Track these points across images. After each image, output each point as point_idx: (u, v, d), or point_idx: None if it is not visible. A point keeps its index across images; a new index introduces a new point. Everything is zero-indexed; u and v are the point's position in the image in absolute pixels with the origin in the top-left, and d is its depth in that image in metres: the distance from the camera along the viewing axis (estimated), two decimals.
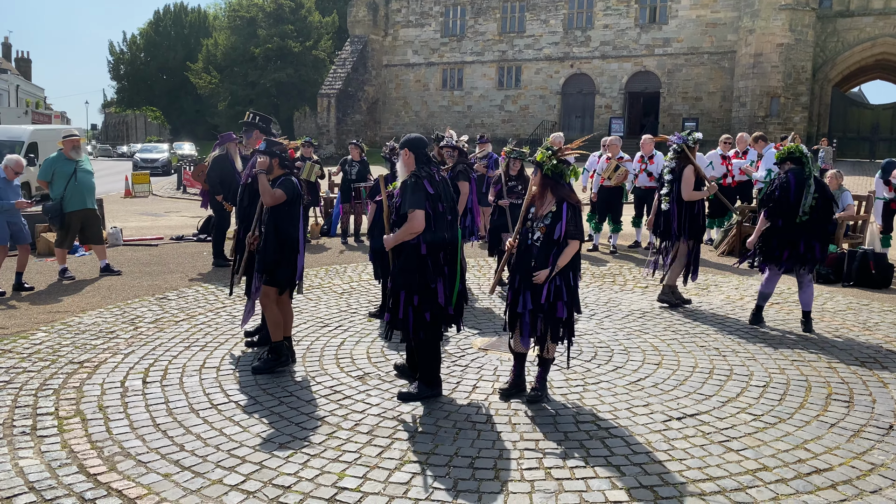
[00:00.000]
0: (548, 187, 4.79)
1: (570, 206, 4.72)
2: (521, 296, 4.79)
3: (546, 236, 4.72)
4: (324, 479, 3.83)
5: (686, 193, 7.39)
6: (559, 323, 4.81)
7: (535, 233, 4.79)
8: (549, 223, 4.73)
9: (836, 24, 35.18)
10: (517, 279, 4.85)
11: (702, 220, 7.71)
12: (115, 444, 4.25)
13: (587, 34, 40.22)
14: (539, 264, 4.73)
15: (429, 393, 4.96)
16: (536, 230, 4.78)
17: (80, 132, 14.84)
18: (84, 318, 7.01)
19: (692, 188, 7.42)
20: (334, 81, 43.45)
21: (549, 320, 4.79)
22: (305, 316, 7.13)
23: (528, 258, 4.81)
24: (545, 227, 4.73)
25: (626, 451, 4.21)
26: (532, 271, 4.75)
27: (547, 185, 4.79)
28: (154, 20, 61.59)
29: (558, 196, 4.75)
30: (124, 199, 22.43)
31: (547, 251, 4.71)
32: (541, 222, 4.76)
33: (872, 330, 6.94)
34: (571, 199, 4.76)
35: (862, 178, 25.64)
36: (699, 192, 7.43)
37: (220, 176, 9.80)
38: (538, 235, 4.76)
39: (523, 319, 4.84)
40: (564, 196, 4.75)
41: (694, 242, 7.63)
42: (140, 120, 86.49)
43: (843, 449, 4.27)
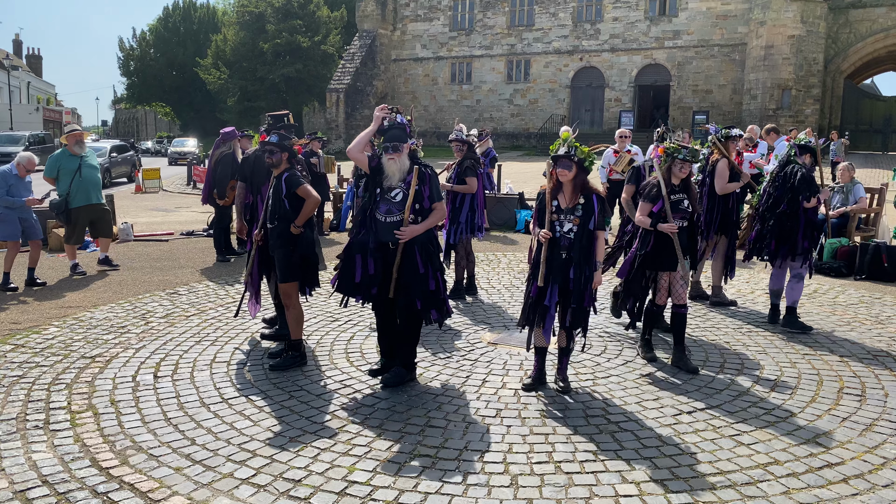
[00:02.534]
0: (581, 180, 4.84)
1: (599, 198, 4.84)
2: (549, 289, 4.82)
3: (581, 228, 4.78)
4: (334, 473, 3.85)
5: (720, 187, 7.20)
6: (587, 313, 4.93)
7: (564, 225, 4.81)
8: (581, 215, 4.79)
9: (848, 15, 34.85)
10: (545, 272, 4.83)
11: (735, 214, 7.54)
12: (127, 437, 4.28)
13: (596, 27, 40.02)
14: (576, 257, 4.79)
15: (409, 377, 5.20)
16: (567, 222, 4.80)
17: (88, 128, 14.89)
18: (95, 313, 7.05)
19: (726, 181, 7.22)
20: (343, 76, 43.45)
21: (580, 311, 4.87)
22: (315, 311, 7.14)
23: (556, 251, 4.82)
24: (578, 218, 4.79)
25: (636, 444, 4.20)
26: (565, 263, 4.80)
27: (581, 178, 4.84)
28: (163, 16, 61.75)
29: (588, 188, 4.84)
30: (135, 194, 22.53)
31: (583, 243, 4.79)
32: (571, 214, 4.81)
33: (885, 323, 6.90)
34: (599, 192, 4.89)
35: (875, 170, 25.44)
36: (733, 184, 7.25)
37: (233, 174, 9.82)
38: (569, 227, 4.80)
39: (549, 313, 4.88)
40: (593, 188, 4.87)
41: (729, 238, 7.45)
42: (150, 116, 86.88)
43: (855, 443, 4.25)
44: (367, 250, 4.93)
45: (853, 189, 10.05)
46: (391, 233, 4.89)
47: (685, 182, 5.55)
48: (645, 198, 5.54)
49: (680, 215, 5.49)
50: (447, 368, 5.52)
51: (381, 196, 4.97)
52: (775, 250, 6.64)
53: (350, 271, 4.96)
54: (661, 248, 5.46)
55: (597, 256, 4.85)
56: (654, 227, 5.41)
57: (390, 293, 4.98)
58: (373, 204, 4.99)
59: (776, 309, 6.92)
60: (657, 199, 5.46)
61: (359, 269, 4.93)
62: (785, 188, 6.57)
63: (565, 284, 4.82)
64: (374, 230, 4.95)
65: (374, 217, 4.96)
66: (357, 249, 4.96)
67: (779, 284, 6.92)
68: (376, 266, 4.93)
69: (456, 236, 7.63)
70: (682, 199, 5.51)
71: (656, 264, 5.53)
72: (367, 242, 4.94)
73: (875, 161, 29.46)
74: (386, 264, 4.97)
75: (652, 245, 5.47)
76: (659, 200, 5.44)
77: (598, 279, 4.85)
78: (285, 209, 5.39)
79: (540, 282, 4.82)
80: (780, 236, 6.59)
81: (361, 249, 4.95)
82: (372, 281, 4.95)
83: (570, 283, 4.80)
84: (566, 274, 4.81)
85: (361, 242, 4.96)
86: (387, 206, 4.95)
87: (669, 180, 5.52)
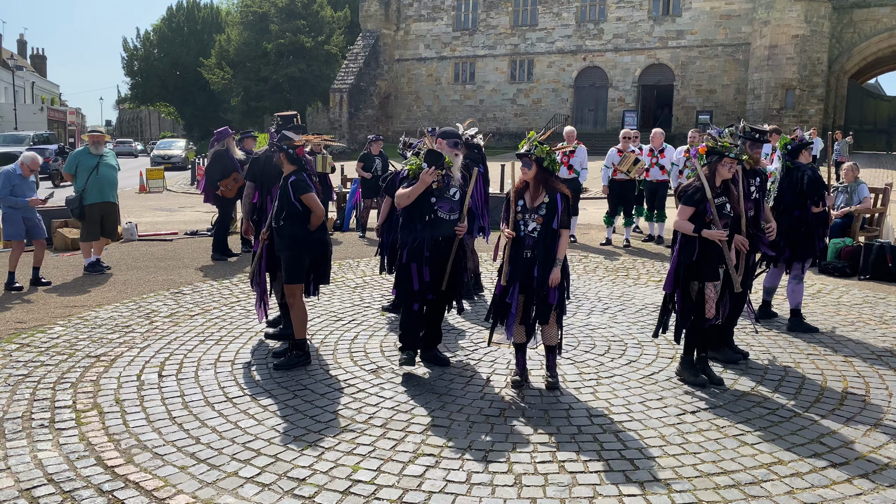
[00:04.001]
0: (545, 180, 4.89)
1: (563, 197, 4.88)
2: (512, 288, 4.88)
3: (544, 227, 4.83)
4: (338, 472, 3.86)
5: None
6: (551, 308, 4.93)
7: (528, 224, 4.86)
8: (544, 214, 4.83)
9: (852, 15, 34.78)
10: (508, 270, 4.90)
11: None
12: (132, 436, 4.29)
13: (600, 27, 39.99)
14: (539, 255, 4.83)
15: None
16: (531, 222, 4.85)
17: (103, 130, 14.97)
18: (100, 313, 7.07)
19: None
20: (346, 76, 43.49)
21: (544, 308, 4.90)
22: (319, 310, 7.15)
23: (520, 250, 4.88)
24: (541, 217, 4.83)
25: (640, 444, 4.21)
26: (529, 262, 4.86)
27: (544, 178, 4.90)
28: (167, 16, 61.80)
29: (552, 188, 4.88)
30: (139, 194, 22.59)
31: (546, 241, 4.83)
32: (535, 213, 4.85)
33: (889, 323, 6.88)
34: (564, 191, 4.92)
35: (879, 170, 25.39)
36: None
37: (222, 170, 10.09)
38: (533, 226, 4.85)
39: (510, 311, 4.93)
40: (558, 188, 4.90)
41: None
42: (154, 116, 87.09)
43: (860, 443, 4.24)
44: (423, 258, 5.18)
45: (857, 189, 10.02)
46: (452, 229, 5.23)
47: (726, 183, 5.16)
48: (686, 201, 5.09)
49: (724, 221, 5.07)
50: (451, 367, 5.52)
51: (440, 196, 5.18)
52: (791, 257, 6.60)
53: (408, 280, 5.25)
54: (707, 257, 5.07)
55: (558, 254, 4.86)
56: (697, 233, 5.02)
57: (443, 286, 5.31)
58: (429, 207, 5.20)
59: (768, 305, 6.94)
60: (701, 203, 5.02)
61: (415, 277, 5.21)
62: (794, 194, 6.53)
63: (529, 283, 4.87)
64: (433, 229, 5.20)
65: (436, 217, 5.21)
66: (412, 258, 5.20)
67: (774, 282, 6.92)
68: (431, 272, 5.25)
69: None
70: (725, 203, 5.09)
71: (703, 275, 5.10)
72: (422, 250, 5.17)
73: (879, 161, 29.41)
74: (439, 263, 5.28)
75: (697, 254, 5.05)
76: (703, 204, 5.02)
77: (556, 276, 4.84)
78: (292, 210, 5.37)
79: (503, 280, 4.92)
80: (794, 242, 6.56)
81: (416, 258, 5.19)
82: (429, 288, 5.28)
83: (534, 280, 4.84)
84: (530, 272, 4.86)
85: (416, 251, 5.19)
86: (448, 204, 5.24)
87: (714, 181, 5.13)
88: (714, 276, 5.10)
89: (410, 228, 5.22)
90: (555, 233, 4.84)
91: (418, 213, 5.19)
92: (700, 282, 5.10)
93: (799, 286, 6.67)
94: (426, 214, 5.18)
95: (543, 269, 4.84)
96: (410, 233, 5.22)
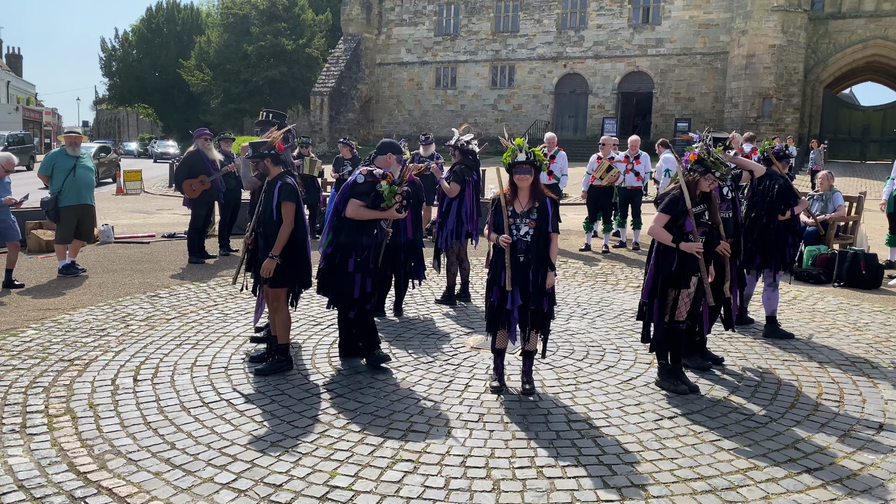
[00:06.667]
0: (537, 184, 4.93)
1: (553, 201, 4.92)
2: (511, 293, 4.87)
3: (537, 230, 4.86)
4: (315, 478, 3.83)
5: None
6: (547, 316, 4.99)
7: (521, 229, 4.88)
8: (536, 218, 4.86)
9: (827, 26, 35.35)
10: (503, 277, 4.89)
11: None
12: (106, 442, 4.23)
13: (580, 34, 40.28)
14: (533, 258, 4.85)
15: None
16: (523, 226, 4.87)
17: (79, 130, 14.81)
18: (75, 316, 6.97)
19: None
20: (327, 79, 43.38)
21: (538, 314, 4.93)
22: (298, 314, 7.10)
23: (514, 255, 4.88)
24: (534, 221, 4.86)
25: (618, 449, 4.22)
26: (524, 266, 4.87)
27: (537, 182, 4.94)
28: (146, 17, 61.26)
29: (541, 192, 4.92)
30: (116, 196, 22.32)
31: (539, 245, 4.85)
32: (527, 218, 4.87)
33: (862, 330, 6.98)
34: (551, 195, 4.97)
35: (853, 179, 25.79)
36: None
37: (189, 170, 10.13)
38: (525, 231, 4.87)
39: (512, 316, 4.92)
40: (546, 192, 4.95)
41: None
42: (132, 117, 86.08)
43: (834, 448, 4.29)
44: (368, 270, 5.43)
45: (832, 197, 10.16)
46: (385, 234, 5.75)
47: (705, 193, 5.11)
48: (664, 209, 5.07)
49: (701, 230, 5.06)
50: (430, 373, 5.51)
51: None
52: (762, 264, 6.70)
53: (349, 288, 5.42)
54: (685, 267, 5.05)
55: (551, 258, 4.91)
56: (675, 244, 5.00)
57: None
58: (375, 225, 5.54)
59: (744, 312, 7.02)
60: (682, 216, 4.98)
61: (358, 287, 5.42)
62: (764, 202, 6.62)
63: (525, 287, 4.89)
64: (377, 240, 5.56)
65: (381, 228, 5.65)
66: (359, 269, 5.40)
67: (749, 289, 7.02)
68: (372, 284, 5.54)
69: (443, 241, 7.62)
70: (704, 212, 5.09)
71: (679, 283, 5.09)
72: (368, 262, 5.43)
73: (853, 170, 29.86)
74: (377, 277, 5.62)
75: (676, 263, 5.04)
76: (682, 215, 4.98)
77: (551, 279, 4.90)
78: (274, 218, 5.28)
79: (508, 286, 4.85)
80: (765, 250, 6.64)
81: (363, 269, 5.41)
82: (367, 298, 5.51)
83: (530, 285, 4.87)
84: (525, 276, 4.88)
85: (363, 263, 5.42)
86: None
87: (694, 191, 5.09)
88: (686, 285, 5.13)
89: (356, 239, 5.38)
90: (548, 236, 4.87)
91: (369, 227, 5.45)
92: (676, 289, 5.14)
93: (774, 293, 6.75)
94: (374, 228, 5.49)
95: (537, 272, 4.86)
96: (356, 243, 5.38)
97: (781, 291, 8.35)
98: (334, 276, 5.42)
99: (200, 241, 10.38)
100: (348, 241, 5.37)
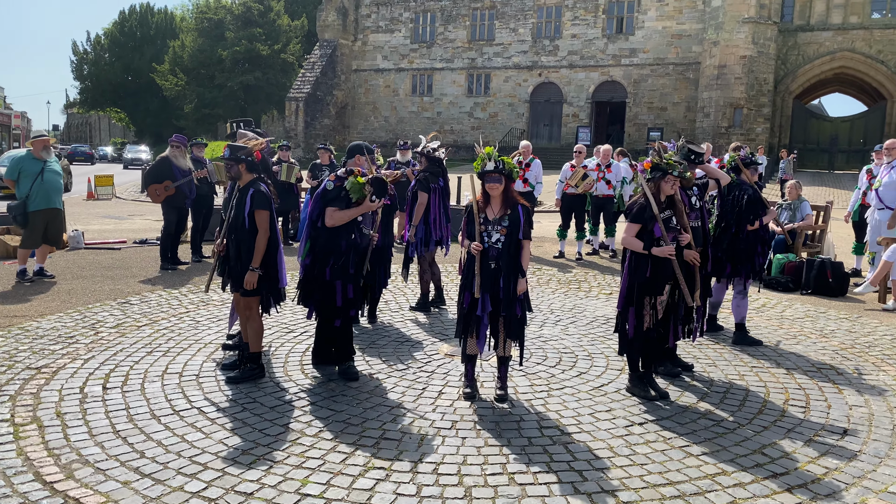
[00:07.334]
0: (508, 192, 4.96)
1: (524, 208, 4.95)
2: (481, 299, 4.90)
3: (508, 237, 4.89)
4: (286, 486, 3.81)
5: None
6: (520, 322, 5.00)
7: (492, 236, 4.92)
8: (507, 225, 4.89)
9: (796, 38, 36.05)
10: (475, 283, 4.92)
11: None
12: (73, 451, 4.17)
13: (555, 43, 40.64)
14: (504, 265, 4.88)
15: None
16: (495, 233, 4.91)
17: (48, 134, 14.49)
18: (43, 323, 6.87)
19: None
20: (303, 85, 43.24)
21: (511, 320, 4.95)
22: (270, 322, 7.06)
23: (485, 261, 4.91)
24: (505, 228, 4.89)
25: (589, 456, 4.26)
26: (495, 273, 4.90)
27: (508, 190, 4.96)
28: (119, 20, 60.61)
29: (513, 200, 4.95)
30: (87, 201, 22.02)
31: (510, 252, 4.88)
32: (498, 225, 4.91)
33: (829, 337, 7.11)
34: (523, 202, 5.00)
35: (822, 188, 26.27)
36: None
37: (156, 175, 10.12)
38: (497, 237, 4.91)
39: (482, 322, 4.95)
40: (518, 199, 4.99)
41: None
42: (104, 121, 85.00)
43: (799, 453, 4.37)
44: (348, 276, 5.36)
45: (800, 206, 10.36)
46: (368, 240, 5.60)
47: (670, 197, 5.21)
48: (633, 218, 5.14)
49: (671, 235, 5.13)
50: (404, 380, 5.52)
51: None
52: (732, 273, 6.80)
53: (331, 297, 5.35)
54: (658, 273, 5.12)
55: (523, 265, 4.94)
56: (647, 250, 5.05)
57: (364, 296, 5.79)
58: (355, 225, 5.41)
59: (713, 319, 7.13)
60: (650, 222, 5.06)
61: (339, 294, 5.35)
62: (734, 212, 6.73)
63: (495, 293, 4.92)
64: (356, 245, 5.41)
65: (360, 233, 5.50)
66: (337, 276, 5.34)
67: (719, 297, 7.13)
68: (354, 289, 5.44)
69: (413, 250, 7.63)
70: (671, 217, 5.18)
71: (653, 290, 5.15)
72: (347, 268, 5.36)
73: (822, 179, 30.42)
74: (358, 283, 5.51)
75: (650, 271, 5.09)
76: (650, 222, 5.05)
77: (523, 286, 4.93)
78: (246, 226, 5.24)
79: (476, 293, 4.91)
80: (735, 259, 6.75)
81: (342, 276, 5.35)
82: (351, 304, 5.45)
83: (500, 291, 4.90)
84: (496, 283, 4.91)
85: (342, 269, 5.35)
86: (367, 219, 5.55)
87: (658, 197, 5.18)
88: (660, 291, 5.20)
89: (334, 245, 5.31)
90: (519, 243, 4.90)
91: (346, 231, 5.34)
92: (651, 296, 5.19)
93: (743, 301, 6.85)
94: (352, 232, 5.36)
95: (509, 279, 4.88)
96: (334, 250, 5.31)
97: (751, 299, 8.47)
98: (315, 286, 5.39)
99: (173, 247, 10.28)
100: (326, 247, 5.31)
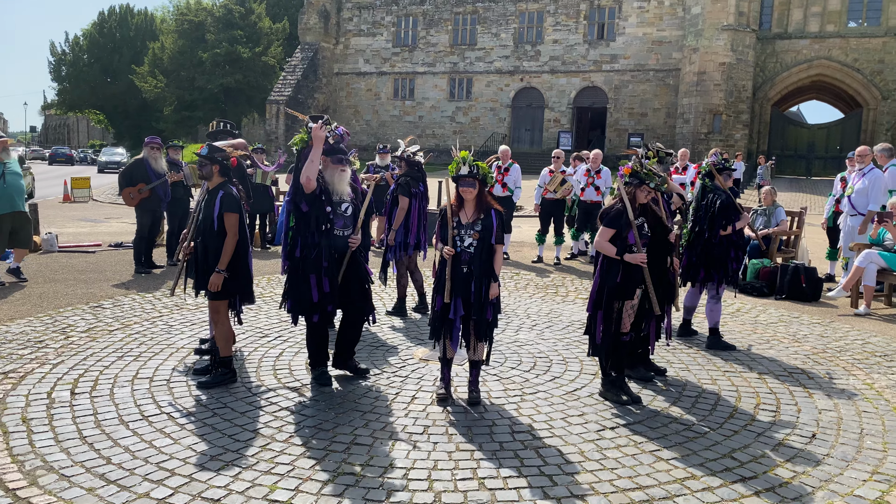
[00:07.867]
0: (482, 196, 4.98)
1: (497, 213, 4.97)
2: (453, 302, 4.91)
3: (481, 242, 4.90)
4: (255, 492, 3.77)
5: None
6: (490, 325, 5.03)
7: (465, 240, 4.93)
8: (480, 229, 4.91)
9: (774, 46, 36.48)
10: (446, 287, 4.93)
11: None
12: (38, 457, 4.11)
13: (537, 48, 40.81)
14: (476, 270, 4.90)
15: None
16: (467, 237, 4.92)
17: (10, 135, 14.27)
18: (11, 327, 6.76)
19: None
20: (284, 88, 43.06)
21: (482, 324, 4.97)
22: (244, 326, 7.00)
23: (457, 266, 4.93)
24: (478, 233, 4.90)
25: (560, 460, 4.26)
26: (467, 277, 4.92)
27: (482, 195, 4.98)
28: (99, 21, 60.08)
29: (487, 204, 4.97)
30: (62, 203, 21.76)
31: (482, 256, 4.90)
32: (471, 229, 4.93)
33: (801, 341, 7.18)
34: (497, 207, 5.02)
35: (799, 194, 26.57)
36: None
37: (130, 178, 10.03)
38: (470, 242, 4.92)
39: (455, 325, 4.97)
40: (492, 204, 5.00)
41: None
42: (83, 123, 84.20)
43: (768, 457, 4.40)
44: (321, 269, 5.16)
45: (775, 212, 10.46)
46: (346, 243, 5.35)
47: (644, 205, 5.27)
48: (608, 223, 5.16)
49: (643, 241, 5.18)
50: (377, 384, 5.49)
51: (333, 212, 5.23)
52: (705, 278, 6.86)
53: (306, 292, 5.19)
54: (629, 279, 5.15)
55: (495, 269, 4.97)
56: (619, 256, 5.08)
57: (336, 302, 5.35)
58: (325, 217, 5.19)
59: (688, 324, 7.18)
60: (625, 228, 5.08)
61: (315, 289, 5.17)
62: (707, 217, 6.79)
63: (467, 297, 4.93)
64: (329, 240, 5.20)
65: (331, 233, 5.24)
66: (311, 269, 5.16)
67: (693, 301, 7.18)
68: (331, 283, 5.22)
69: (391, 254, 7.61)
70: (643, 224, 5.24)
71: (623, 295, 5.19)
72: (321, 261, 5.16)
73: (799, 185, 30.77)
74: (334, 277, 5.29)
75: (621, 276, 5.13)
76: (625, 228, 5.07)
77: (495, 290, 4.95)
78: (214, 228, 5.20)
79: (446, 297, 4.93)
80: (709, 264, 6.80)
81: (315, 269, 5.16)
82: (328, 298, 5.24)
83: (472, 295, 4.91)
84: (468, 287, 4.93)
85: (315, 262, 5.16)
86: (341, 220, 5.36)
87: (634, 204, 5.19)
88: (630, 296, 5.23)
89: (307, 238, 5.18)
90: (491, 248, 4.92)
91: (315, 222, 5.16)
92: (620, 301, 5.22)
93: (717, 306, 6.91)
94: (322, 224, 5.18)
95: (481, 284, 4.90)
96: (306, 243, 5.19)
97: (726, 304, 8.55)
98: (290, 284, 5.33)
99: (147, 250, 10.17)
100: (303, 241, 5.19)
